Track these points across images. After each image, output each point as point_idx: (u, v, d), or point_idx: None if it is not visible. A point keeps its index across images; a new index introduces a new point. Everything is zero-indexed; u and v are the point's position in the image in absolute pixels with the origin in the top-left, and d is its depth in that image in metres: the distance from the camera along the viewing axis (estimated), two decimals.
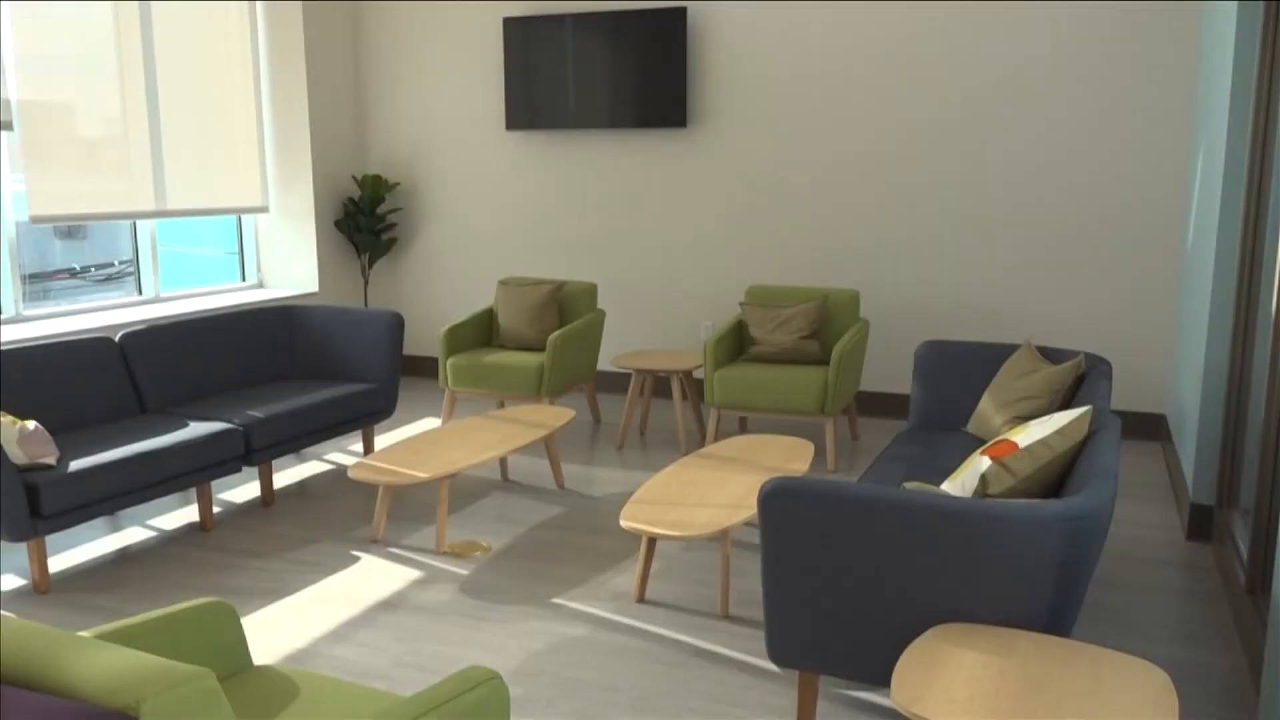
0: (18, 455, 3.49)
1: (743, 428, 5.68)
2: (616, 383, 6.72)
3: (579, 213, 6.60)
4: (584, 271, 6.65)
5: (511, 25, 6.41)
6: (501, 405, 5.83)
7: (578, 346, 5.56)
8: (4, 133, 5.04)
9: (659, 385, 6.62)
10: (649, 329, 6.55)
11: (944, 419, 4.18)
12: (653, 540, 3.54)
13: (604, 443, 5.54)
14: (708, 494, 3.57)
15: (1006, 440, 2.73)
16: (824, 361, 5.23)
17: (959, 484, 2.73)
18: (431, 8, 6.75)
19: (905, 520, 2.36)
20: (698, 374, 6.46)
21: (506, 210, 6.78)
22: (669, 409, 6.32)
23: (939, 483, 3.34)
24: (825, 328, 5.39)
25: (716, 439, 5.31)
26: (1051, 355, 4.01)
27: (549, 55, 6.36)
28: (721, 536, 3.38)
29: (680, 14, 6.00)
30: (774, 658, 2.64)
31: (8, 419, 3.53)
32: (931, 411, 4.20)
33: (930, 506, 2.33)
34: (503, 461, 4.95)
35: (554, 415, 4.64)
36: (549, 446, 4.70)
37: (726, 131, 6.16)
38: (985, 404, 3.84)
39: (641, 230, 6.46)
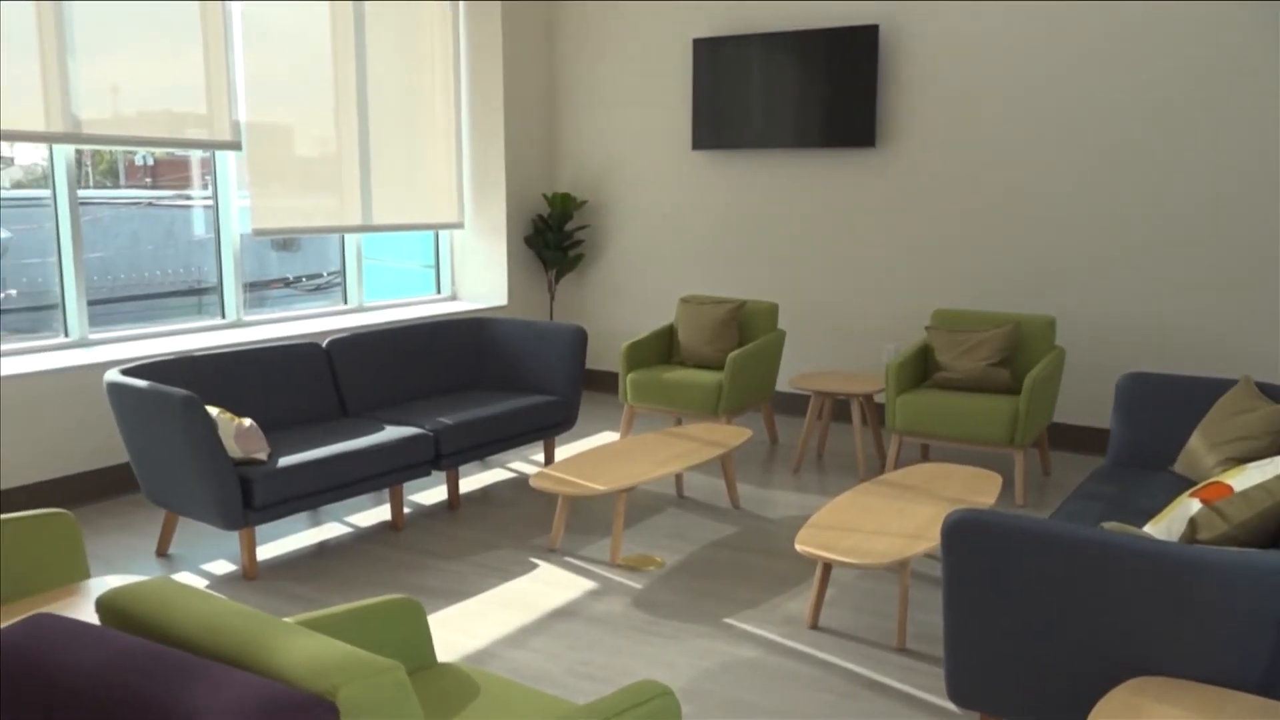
0: (234, 450, 3.78)
1: (925, 456, 5.50)
2: (795, 404, 6.65)
3: (762, 232, 6.58)
4: (765, 291, 6.62)
5: (701, 46, 6.48)
6: (679, 422, 5.87)
7: (757, 366, 5.53)
8: (233, 153, 5.48)
9: (838, 408, 6.50)
10: (829, 351, 6.46)
11: (1147, 457, 3.92)
12: (828, 566, 3.47)
13: (780, 464, 5.48)
14: (886, 522, 3.47)
15: (1219, 483, 2.54)
16: (1014, 390, 5.00)
17: (1164, 527, 2.56)
18: (622, 32, 6.90)
19: (1103, 562, 2.22)
20: (879, 398, 6.31)
21: (689, 229, 6.84)
22: (847, 433, 6.19)
23: (1141, 524, 3.13)
24: (1017, 355, 5.16)
25: (896, 466, 5.17)
26: (1272, 392, 3.69)
27: (736, 75, 6.38)
28: (900, 567, 3.28)
29: (872, 32, 5.91)
30: (954, 697, 2.54)
31: (226, 416, 3.82)
32: (1133, 448, 3.94)
33: (1131, 549, 2.19)
34: (678, 478, 4.98)
35: (731, 434, 4.63)
36: (725, 465, 4.69)
37: (916, 151, 6.01)
38: (1195, 442, 3.58)
39: (825, 250, 6.38)
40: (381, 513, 4.67)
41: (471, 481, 5.16)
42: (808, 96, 6.16)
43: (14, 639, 1.45)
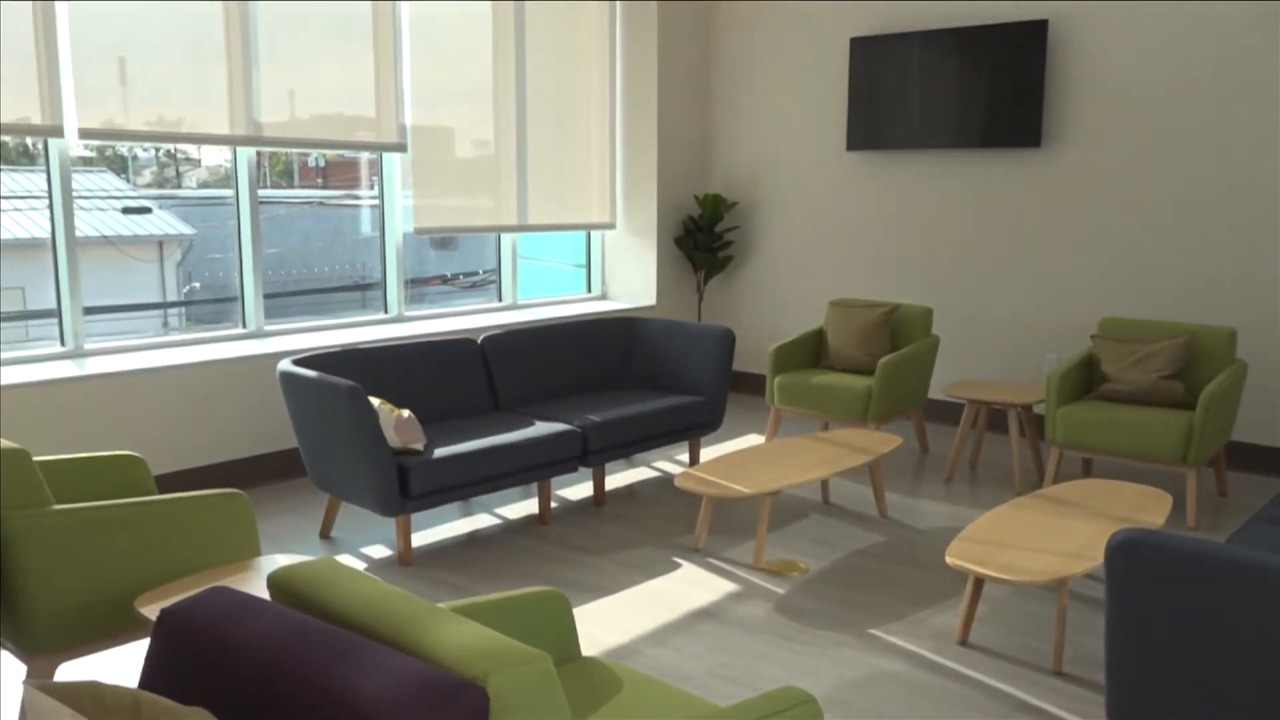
0: (393, 439, 3.93)
1: (1086, 471, 5.25)
2: (947, 412, 6.45)
3: (917, 235, 6.41)
4: (919, 295, 6.45)
5: (858, 45, 6.37)
6: (826, 427, 5.79)
7: (908, 372, 5.40)
8: (398, 154, 5.71)
9: (994, 418, 6.27)
10: (986, 358, 6.24)
11: None
12: (980, 581, 3.35)
13: (930, 474, 5.33)
14: (1044, 539, 3.33)
15: None
16: (1189, 405, 4.71)
17: None
18: (778, 32, 6.85)
19: None
20: (1038, 409, 6.05)
21: (842, 231, 6.73)
22: (1003, 444, 5.97)
23: None
24: (1192, 368, 4.86)
25: (1055, 481, 4.95)
26: None
27: (894, 74, 6.24)
28: (1058, 586, 3.14)
29: (1040, 27, 5.67)
30: None
31: (387, 406, 3.98)
32: None
33: None
34: (824, 483, 4.90)
35: (880, 441, 4.54)
36: (873, 472, 4.59)
37: (1085, 151, 5.74)
38: None
39: (984, 254, 6.17)
40: (529, 506, 4.77)
41: (617, 479, 5.21)
42: (969, 95, 5.97)
43: (196, 610, 1.55)
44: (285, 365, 4.13)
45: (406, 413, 4.01)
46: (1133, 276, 5.66)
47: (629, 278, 7.15)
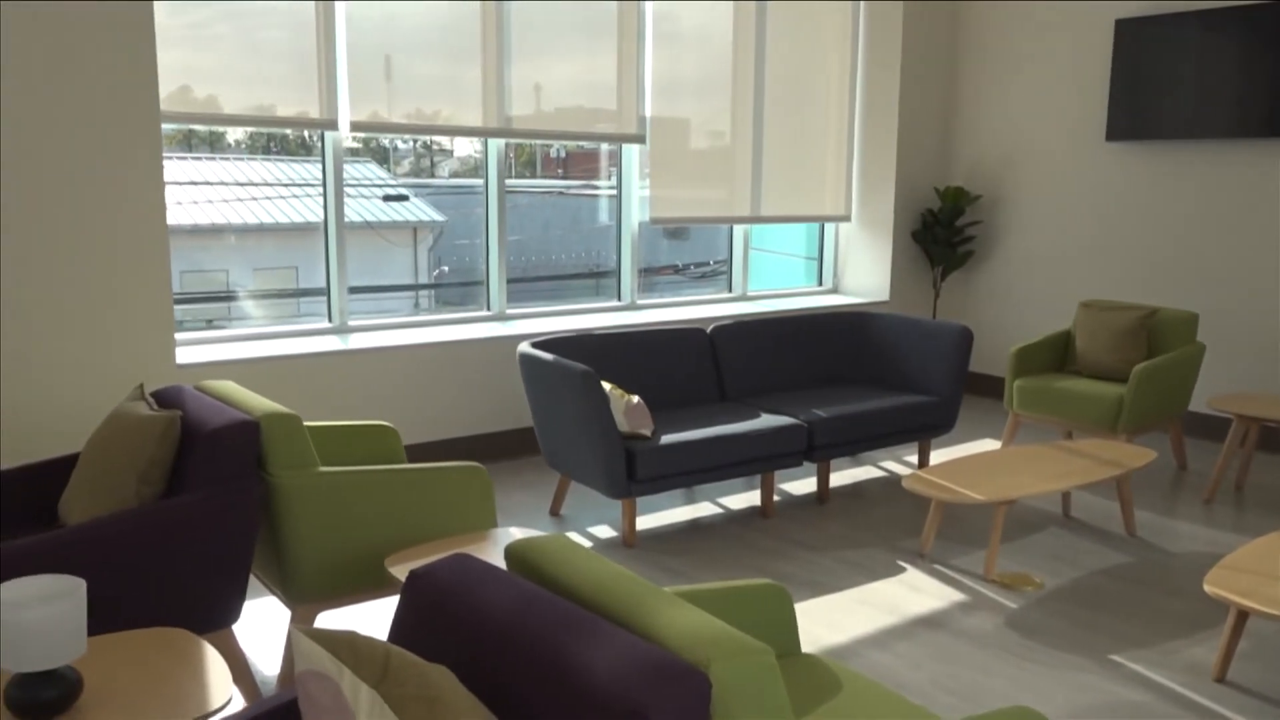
0: (622, 424, 4.03)
1: None
2: (1210, 427, 5.91)
3: (1183, 232, 5.90)
4: (1182, 299, 5.94)
5: (1124, 27, 5.92)
6: (1069, 436, 5.44)
7: (1167, 381, 4.99)
8: (637, 146, 5.84)
9: (1266, 436, 5.69)
10: (1259, 371, 5.66)
11: None
12: (1243, 614, 3.06)
13: (1188, 493, 4.91)
14: None
15: None
16: None
17: None
18: (1035, 13, 6.48)
19: None
20: None
21: (1096, 227, 6.30)
22: (1275, 466, 5.41)
23: None
24: None
25: None
26: None
27: (1166, 58, 5.76)
28: None
29: None
30: None
31: (617, 392, 4.09)
32: None
33: None
34: (1066, 496, 4.62)
35: (1131, 454, 4.22)
36: (1121, 487, 4.28)
37: None
38: None
39: (1260, 255, 5.60)
40: (752, 498, 4.77)
41: (842, 476, 5.12)
42: (1254, 80, 5.42)
43: (441, 573, 1.65)
44: (525, 348, 4.32)
45: (636, 398, 4.10)
46: None
47: (862, 271, 6.99)
